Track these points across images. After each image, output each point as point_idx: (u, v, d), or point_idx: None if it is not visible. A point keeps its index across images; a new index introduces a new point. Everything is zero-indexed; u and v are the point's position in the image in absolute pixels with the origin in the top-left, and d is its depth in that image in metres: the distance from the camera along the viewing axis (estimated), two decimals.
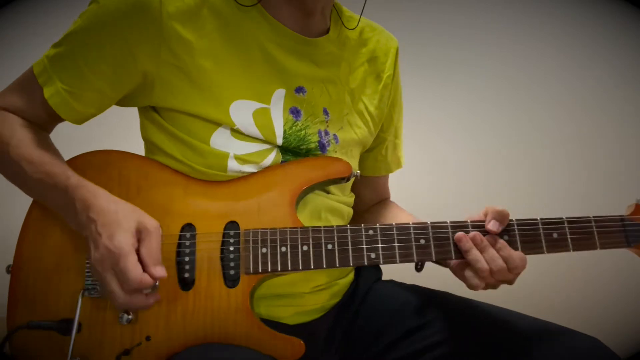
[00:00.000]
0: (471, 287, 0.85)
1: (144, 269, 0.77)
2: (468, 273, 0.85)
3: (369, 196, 1.19)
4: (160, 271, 0.78)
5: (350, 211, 1.07)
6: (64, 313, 0.84)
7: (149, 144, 0.97)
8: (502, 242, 0.85)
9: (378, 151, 1.15)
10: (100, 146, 0.95)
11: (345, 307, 1.02)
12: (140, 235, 0.80)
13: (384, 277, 1.13)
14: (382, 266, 1.13)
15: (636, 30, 1.85)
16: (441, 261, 0.92)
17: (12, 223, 0.94)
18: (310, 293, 0.96)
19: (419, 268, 0.94)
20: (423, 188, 1.76)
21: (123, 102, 0.95)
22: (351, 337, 1.00)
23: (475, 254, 0.84)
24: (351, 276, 1.06)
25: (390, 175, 1.23)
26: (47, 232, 0.89)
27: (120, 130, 1.25)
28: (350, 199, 1.07)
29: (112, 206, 0.81)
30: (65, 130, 0.99)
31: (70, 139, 1.05)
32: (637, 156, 1.83)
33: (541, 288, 1.78)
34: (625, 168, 1.82)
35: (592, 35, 1.88)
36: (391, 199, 1.25)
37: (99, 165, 0.91)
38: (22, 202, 0.92)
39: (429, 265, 0.93)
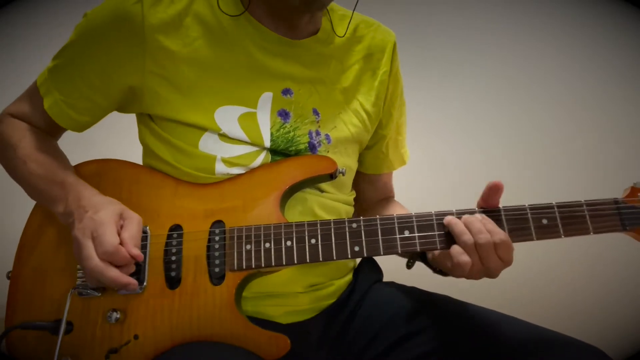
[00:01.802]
0: (459, 265, 0.81)
1: (124, 246, 0.81)
2: (455, 249, 0.81)
3: (371, 194, 1.18)
4: (136, 251, 0.81)
5: (350, 209, 1.06)
6: (58, 313, 0.86)
7: (145, 147, 1.00)
8: (488, 219, 0.83)
9: (378, 148, 1.14)
10: (103, 149, 0.99)
11: (340, 308, 1.01)
12: (123, 220, 0.84)
13: (385, 279, 1.11)
14: (383, 267, 1.12)
15: (636, 30, 1.84)
16: (439, 260, 0.91)
17: (12, 231, 0.97)
18: (304, 293, 0.96)
19: (409, 265, 0.93)
20: (422, 189, 1.75)
21: (120, 110, 0.99)
22: (345, 340, 0.99)
23: (461, 227, 0.82)
24: (349, 277, 1.05)
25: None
26: (44, 239, 0.93)
27: (122, 134, 1.27)
28: (350, 197, 1.07)
29: (101, 198, 0.87)
30: (70, 133, 1.02)
31: (76, 143, 1.07)
32: (637, 156, 1.82)
33: (539, 290, 1.78)
34: (625, 168, 1.81)
35: (592, 35, 1.88)
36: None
37: (96, 173, 0.95)
38: (23, 211, 0.96)
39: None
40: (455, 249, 0.82)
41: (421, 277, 1.02)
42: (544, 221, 0.84)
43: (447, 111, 1.89)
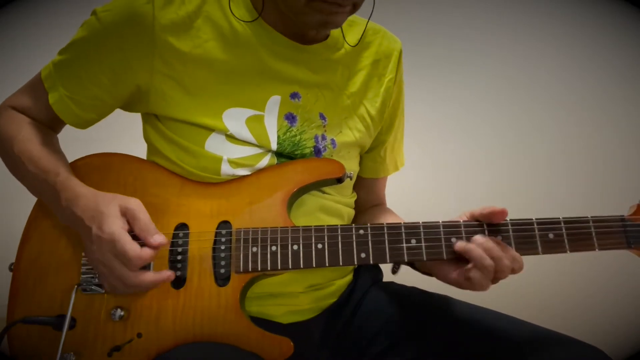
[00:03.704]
0: (480, 287, 0.82)
1: (144, 242, 0.81)
2: (475, 273, 0.81)
3: (365, 198, 1.18)
4: (158, 238, 0.82)
5: (351, 212, 1.07)
6: (61, 309, 0.86)
7: (149, 145, 0.99)
8: (504, 244, 0.83)
9: (376, 153, 1.14)
10: (107, 147, 0.98)
11: (341, 308, 1.01)
12: (126, 216, 0.83)
13: (385, 279, 1.11)
14: (382, 267, 1.12)
15: (636, 30, 1.85)
16: (432, 268, 0.91)
17: (15, 223, 0.97)
18: (305, 293, 0.96)
19: (394, 270, 0.94)
20: (423, 189, 1.76)
21: (125, 108, 0.98)
22: (346, 339, 0.99)
23: (479, 252, 0.82)
24: (349, 277, 1.05)
25: (392, 176, 1.22)
26: (47, 232, 0.92)
27: (126, 132, 1.27)
28: (351, 199, 1.07)
29: (90, 201, 0.84)
30: (72, 131, 1.02)
31: (77, 140, 1.07)
32: (637, 156, 1.83)
33: (539, 291, 1.78)
34: (625, 167, 1.81)
35: (592, 35, 1.88)
36: (392, 199, 1.24)
37: (99, 167, 0.94)
38: (25, 203, 0.95)
39: None
40: (474, 274, 0.82)
41: (421, 277, 1.02)
42: (550, 236, 0.85)
43: (447, 111, 1.89)
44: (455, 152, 1.86)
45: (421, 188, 1.74)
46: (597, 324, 1.74)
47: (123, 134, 1.27)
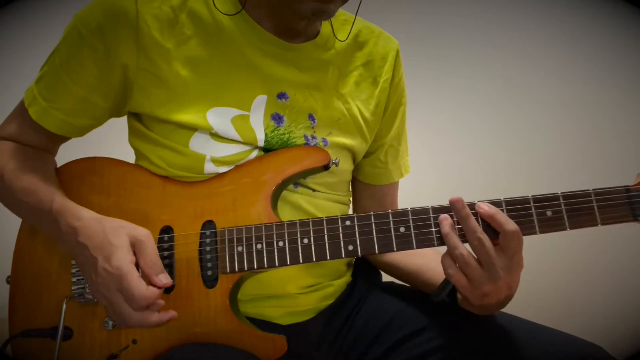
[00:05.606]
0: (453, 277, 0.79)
1: (148, 280, 0.78)
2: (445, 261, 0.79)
3: (371, 206, 1.14)
4: (164, 278, 0.79)
5: (345, 209, 1.05)
6: (58, 319, 0.85)
7: (135, 151, 0.98)
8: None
9: (376, 157, 1.10)
10: (94, 151, 0.97)
11: (339, 309, 1.00)
12: (134, 248, 0.80)
13: (385, 279, 1.11)
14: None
15: (636, 30, 1.84)
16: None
17: (10, 235, 0.96)
18: (302, 294, 0.95)
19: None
20: (422, 189, 1.75)
21: (117, 113, 0.96)
22: (346, 340, 0.98)
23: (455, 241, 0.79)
24: (347, 277, 1.04)
25: None
26: (37, 246, 0.92)
27: (114, 137, 1.26)
28: (345, 197, 1.05)
29: (97, 226, 0.81)
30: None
31: (66, 146, 1.05)
32: (637, 156, 1.83)
33: (539, 289, 1.77)
34: (625, 168, 1.81)
35: (592, 35, 1.88)
36: None
37: (81, 173, 0.93)
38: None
39: None
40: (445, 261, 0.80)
41: None
42: (549, 213, 0.80)
43: (447, 111, 1.89)
44: (454, 152, 1.86)
45: (420, 188, 1.73)
46: (598, 322, 1.74)
47: (118, 137, 1.27)
